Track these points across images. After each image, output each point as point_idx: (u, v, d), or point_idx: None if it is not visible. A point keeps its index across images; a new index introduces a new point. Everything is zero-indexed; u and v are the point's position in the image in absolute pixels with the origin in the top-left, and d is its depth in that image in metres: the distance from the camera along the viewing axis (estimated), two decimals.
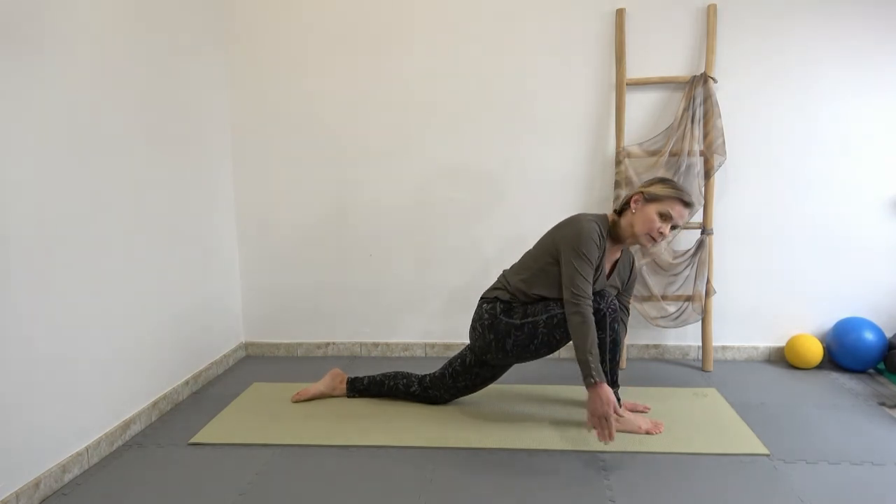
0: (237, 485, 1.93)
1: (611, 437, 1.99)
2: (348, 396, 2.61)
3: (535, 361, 2.54)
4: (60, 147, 1.95)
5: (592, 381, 2.01)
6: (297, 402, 2.58)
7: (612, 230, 2.22)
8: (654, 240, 2.15)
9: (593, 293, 2.15)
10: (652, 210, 2.14)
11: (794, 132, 2.91)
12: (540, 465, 2.03)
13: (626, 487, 1.88)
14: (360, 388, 2.59)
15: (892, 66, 2.83)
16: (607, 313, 2.14)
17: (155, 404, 2.43)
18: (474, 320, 2.33)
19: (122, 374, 2.25)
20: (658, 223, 2.13)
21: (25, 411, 1.81)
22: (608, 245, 2.23)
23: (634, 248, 2.83)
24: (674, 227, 2.19)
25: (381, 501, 1.83)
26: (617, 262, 2.33)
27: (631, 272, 2.41)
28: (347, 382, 2.61)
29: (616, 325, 2.16)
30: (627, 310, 2.45)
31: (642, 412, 2.41)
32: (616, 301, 2.17)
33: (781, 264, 2.99)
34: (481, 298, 2.36)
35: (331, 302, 3.23)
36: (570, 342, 2.15)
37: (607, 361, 2.18)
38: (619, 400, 2.25)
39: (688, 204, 2.15)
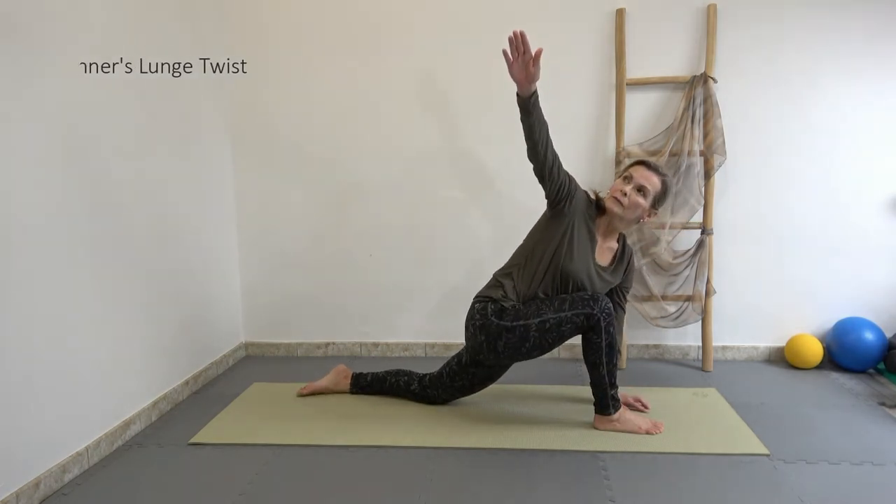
0: (237, 485, 1.93)
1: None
2: (351, 392, 2.62)
3: (534, 361, 2.53)
4: (60, 148, 1.95)
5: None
6: (301, 395, 2.61)
7: (598, 205, 2.32)
8: (617, 201, 2.23)
9: (588, 297, 2.16)
10: (618, 180, 2.31)
11: (794, 132, 2.91)
12: (540, 465, 2.03)
13: (626, 487, 1.88)
14: (364, 385, 2.61)
15: (892, 65, 2.83)
16: (601, 317, 2.13)
17: (155, 404, 2.43)
18: (467, 320, 2.33)
19: (122, 374, 2.25)
20: (620, 185, 2.25)
21: (25, 411, 1.81)
22: (597, 220, 2.30)
23: (636, 248, 2.83)
24: (641, 191, 2.23)
25: (381, 501, 1.84)
26: (616, 253, 2.34)
27: (628, 264, 2.40)
28: (352, 378, 2.62)
29: (611, 329, 2.16)
30: (623, 307, 2.46)
31: (642, 412, 2.41)
32: (610, 305, 2.17)
33: (781, 264, 2.99)
34: (475, 298, 2.36)
35: (331, 302, 3.23)
36: (563, 344, 2.23)
37: (605, 364, 2.18)
38: (618, 401, 2.25)
39: (650, 166, 2.27)
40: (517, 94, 2.06)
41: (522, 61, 1.98)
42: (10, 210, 1.75)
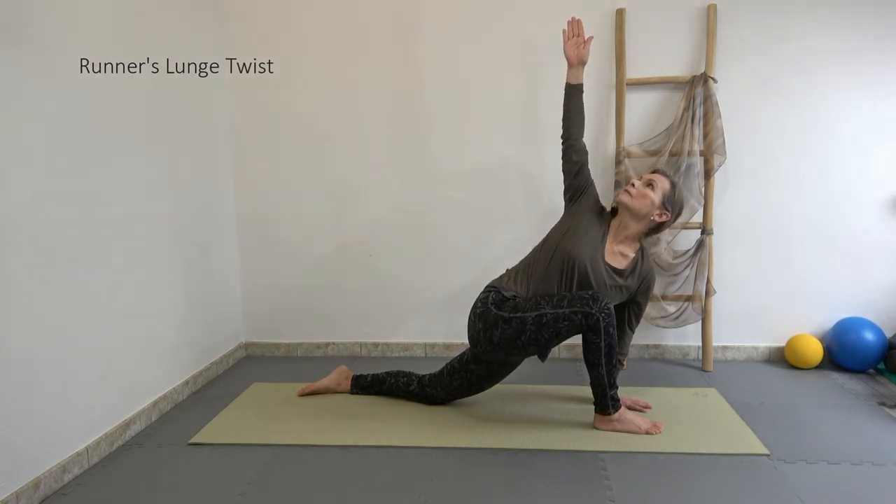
0: (237, 485, 1.93)
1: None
2: (351, 392, 2.63)
3: (535, 360, 2.53)
4: (60, 147, 1.95)
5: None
6: (303, 395, 2.62)
7: (614, 213, 2.40)
8: (626, 192, 2.32)
9: (589, 296, 2.16)
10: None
11: (794, 132, 2.90)
12: (540, 465, 2.03)
13: (626, 487, 1.88)
14: (364, 385, 2.62)
15: (892, 65, 2.83)
16: (601, 317, 2.13)
17: (155, 404, 2.43)
18: (471, 308, 2.36)
19: (123, 374, 2.25)
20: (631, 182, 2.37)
21: (25, 411, 1.81)
22: (610, 222, 2.36)
23: None
24: (650, 185, 2.29)
25: (381, 501, 1.84)
26: (633, 262, 2.34)
27: (647, 278, 2.39)
28: (353, 379, 2.64)
29: (611, 330, 2.15)
30: (633, 328, 2.46)
31: (642, 411, 2.41)
32: (611, 306, 2.17)
33: (781, 264, 2.99)
34: (484, 287, 2.39)
35: (331, 302, 3.23)
36: (560, 344, 2.21)
37: (604, 365, 2.18)
38: (618, 401, 2.25)
39: (659, 171, 2.39)
40: (566, 83, 2.41)
41: (575, 42, 2.40)
42: (10, 209, 1.75)
